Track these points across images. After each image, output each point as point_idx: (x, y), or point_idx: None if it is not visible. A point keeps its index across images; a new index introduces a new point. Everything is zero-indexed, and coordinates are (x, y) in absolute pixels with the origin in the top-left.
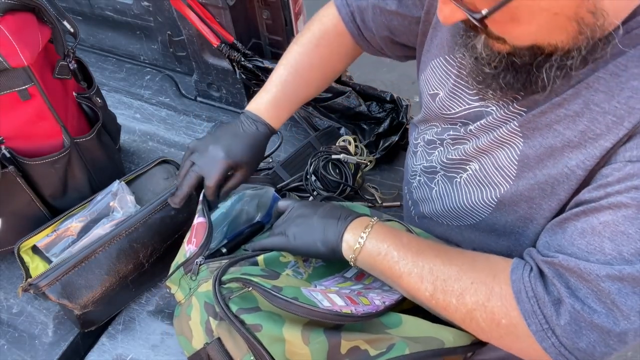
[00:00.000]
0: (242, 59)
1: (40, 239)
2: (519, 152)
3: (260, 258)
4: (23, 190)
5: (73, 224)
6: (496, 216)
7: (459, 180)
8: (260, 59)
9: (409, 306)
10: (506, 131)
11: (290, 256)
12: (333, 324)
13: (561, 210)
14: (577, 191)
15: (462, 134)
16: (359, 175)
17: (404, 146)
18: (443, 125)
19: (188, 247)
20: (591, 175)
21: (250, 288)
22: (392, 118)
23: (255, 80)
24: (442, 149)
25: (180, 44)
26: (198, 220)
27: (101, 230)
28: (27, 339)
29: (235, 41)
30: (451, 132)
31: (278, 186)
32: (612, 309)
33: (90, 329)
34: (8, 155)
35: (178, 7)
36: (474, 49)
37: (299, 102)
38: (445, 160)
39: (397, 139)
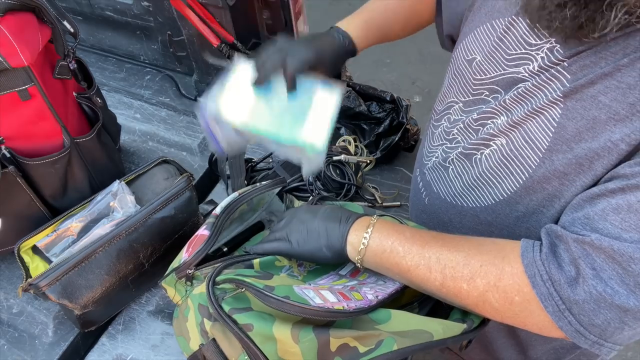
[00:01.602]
0: None
1: (40, 239)
2: (555, 124)
3: (256, 261)
4: (23, 190)
5: (73, 224)
6: (521, 195)
7: (479, 156)
8: None
9: (407, 300)
10: (546, 101)
11: (285, 260)
12: (323, 322)
13: (592, 186)
14: (615, 166)
15: (492, 108)
16: (359, 175)
17: (404, 146)
18: (468, 98)
19: (184, 255)
20: (635, 151)
21: (244, 289)
22: (392, 118)
23: None
24: (464, 127)
25: (180, 44)
26: (202, 232)
27: (101, 230)
28: (27, 339)
29: (235, 41)
30: (483, 107)
31: None
32: (635, 290)
33: (90, 329)
34: (8, 155)
35: (178, 7)
36: None
37: (385, 30)
38: (469, 139)
39: (397, 139)
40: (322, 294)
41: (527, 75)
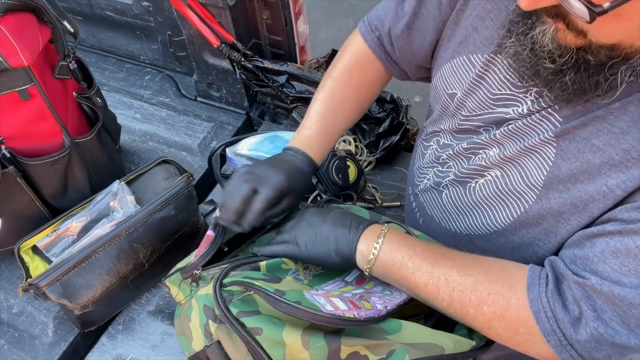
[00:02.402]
0: (242, 59)
1: (40, 239)
2: (550, 163)
3: (262, 264)
4: (23, 190)
5: (73, 224)
6: (515, 227)
7: (473, 185)
8: (260, 59)
9: (410, 312)
10: (538, 140)
11: (292, 263)
12: (333, 328)
13: (589, 225)
14: (611, 208)
15: (483, 140)
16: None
17: (404, 146)
18: (459, 128)
19: (193, 258)
20: (630, 196)
21: (252, 292)
22: (392, 118)
23: (255, 80)
24: (454, 154)
25: (180, 44)
26: (208, 232)
27: (101, 230)
28: (27, 339)
29: (235, 41)
30: (474, 138)
31: None
32: (635, 330)
33: (90, 329)
34: (8, 155)
35: (178, 7)
36: (532, 40)
37: (337, 135)
38: (462, 167)
39: (397, 139)
40: (333, 301)
41: (516, 115)
